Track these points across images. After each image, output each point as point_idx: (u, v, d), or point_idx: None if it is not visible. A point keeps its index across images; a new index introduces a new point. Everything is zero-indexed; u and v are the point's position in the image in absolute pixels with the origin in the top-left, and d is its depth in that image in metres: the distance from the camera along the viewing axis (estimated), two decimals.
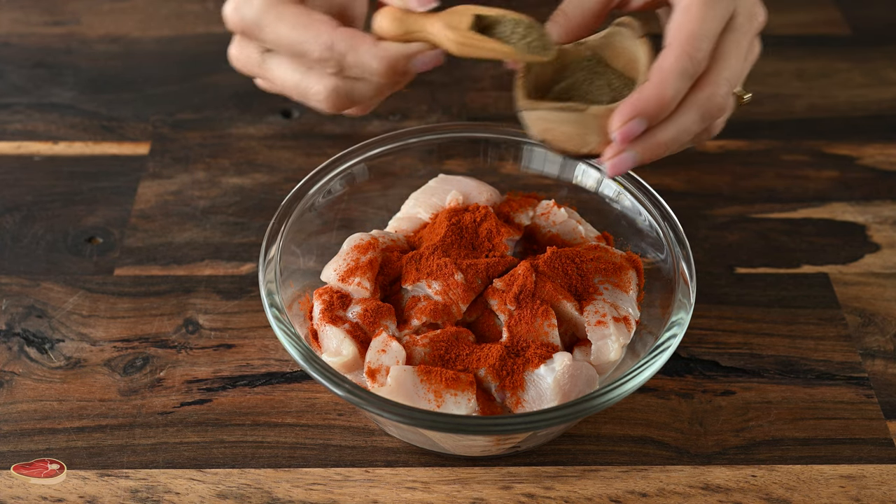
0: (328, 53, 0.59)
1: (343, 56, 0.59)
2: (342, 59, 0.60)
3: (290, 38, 0.60)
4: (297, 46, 0.60)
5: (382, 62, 0.60)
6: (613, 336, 0.71)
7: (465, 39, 0.60)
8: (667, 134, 0.62)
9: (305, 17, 0.60)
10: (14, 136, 0.98)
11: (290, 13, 0.60)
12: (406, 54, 0.60)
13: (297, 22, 0.60)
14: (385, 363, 0.69)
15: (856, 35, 1.12)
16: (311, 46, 0.60)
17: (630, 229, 0.79)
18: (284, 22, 0.60)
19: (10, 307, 0.83)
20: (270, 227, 0.75)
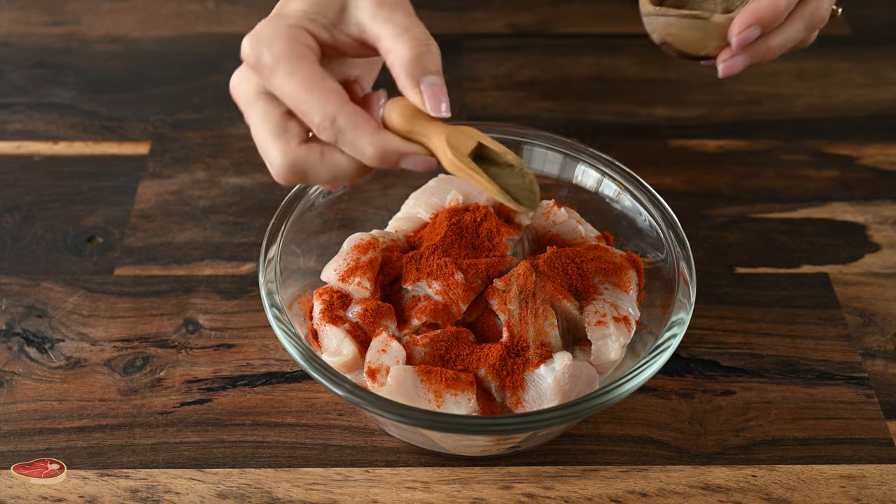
0: (328, 124, 0.60)
1: (342, 132, 0.60)
2: (340, 133, 0.60)
3: (296, 96, 0.60)
4: (300, 105, 0.60)
5: (377, 150, 0.60)
6: (613, 336, 0.71)
7: (460, 164, 0.62)
8: (776, 41, 0.71)
9: (319, 82, 0.60)
10: (14, 136, 0.99)
11: (306, 72, 0.60)
12: (401, 152, 0.61)
13: (310, 84, 0.60)
14: (385, 363, 0.69)
15: (856, 35, 1.12)
16: (314, 112, 0.60)
17: (630, 229, 0.79)
18: (296, 78, 0.60)
19: (10, 307, 0.83)
20: (270, 227, 0.75)
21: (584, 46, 1.10)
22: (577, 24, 1.13)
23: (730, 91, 1.05)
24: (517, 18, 1.14)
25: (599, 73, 1.07)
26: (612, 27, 1.12)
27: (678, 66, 1.07)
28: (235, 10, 1.14)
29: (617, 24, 1.13)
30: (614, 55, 1.09)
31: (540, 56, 1.09)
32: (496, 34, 1.12)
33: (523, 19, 1.14)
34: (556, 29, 1.13)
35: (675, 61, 1.08)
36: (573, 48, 1.10)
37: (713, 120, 1.02)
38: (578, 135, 0.97)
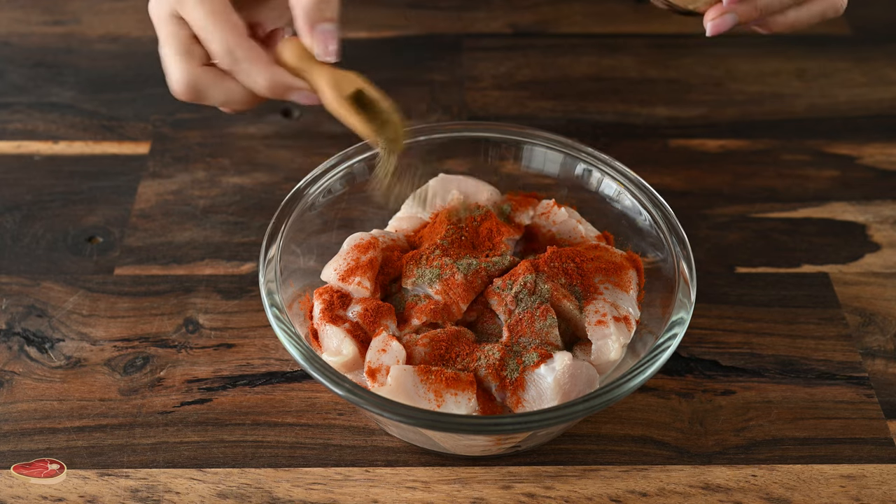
0: (226, 54, 0.66)
1: (237, 61, 0.67)
2: (235, 63, 0.67)
3: (201, 25, 0.66)
4: (203, 34, 0.67)
5: (268, 82, 0.67)
6: (614, 336, 0.71)
7: (338, 105, 0.68)
8: None
9: (223, 15, 0.66)
10: (14, 136, 0.98)
11: (213, 4, 0.66)
12: (289, 85, 0.68)
13: (215, 16, 0.66)
14: (385, 363, 0.69)
15: (856, 35, 1.12)
16: (216, 41, 0.66)
17: (630, 229, 0.79)
18: (204, 9, 0.66)
19: (10, 307, 0.83)
20: (270, 227, 0.75)
21: (584, 46, 1.10)
22: (577, 23, 1.13)
23: (730, 91, 1.05)
24: (517, 18, 1.14)
25: (599, 73, 1.07)
26: (612, 27, 1.12)
27: (678, 66, 1.07)
28: None
29: (617, 24, 1.13)
30: (614, 55, 1.09)
31: (540, 56, 1.09)
32: (496, 34, 1.12)
33: (523, 19, 1.14)
34: (556, 29, 1.13)
35: (675, 61, 1.08)
36: (573, 48, 1.10)
37: (713, 120, 1.01)
38: (578, 135, 0.97)
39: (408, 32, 1.11)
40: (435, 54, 1.08)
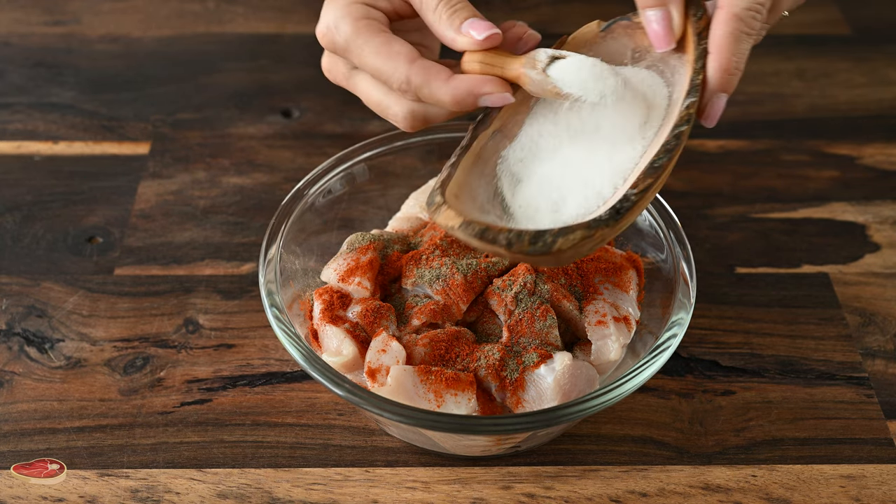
0: (405, 86, 0.65)
1: (418, 88, 0.64)
2: (418, 91, 0.65)
3: (373, 65, 0.65)
4: (379, 74, 0.65)
5: (453, 97, 0.64)
6: (613, 336, 0.71)
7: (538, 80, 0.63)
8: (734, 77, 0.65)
9: (387, 48, 0.65)
10: (14, 136, 0.99)
11: (373, 44, 0.65)
12: (474, 93, 0.64)
13: (380, 52, 0.65)
14: (385, 363, 0.69)
15: (856, 35, 1.12)
16: (391, 77, 0.65)
17: (630, 229, 0.79)
18: (368, 52, 0.65)
19: (10, 307, 0.83)
20: (270, 227, 0.75)
21: None
22: (577, 24, 1.12)
23: None
24: (517, 18, 1.13)
25: None
26: None
27: None
28: (235, 10, 1.14)
29: None
30: None
31: None
32: None
33: (523, 19, 1.13)
34: (556, 29, 1.12)
35: None
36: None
37: None
38: None
39: None
40: None
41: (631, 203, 0.60)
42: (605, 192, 0.63)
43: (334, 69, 0.69)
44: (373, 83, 0.67)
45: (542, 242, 0.59)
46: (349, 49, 0.66)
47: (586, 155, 0.64)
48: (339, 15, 0.66)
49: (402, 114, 0.67)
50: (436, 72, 0.64)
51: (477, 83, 0.64)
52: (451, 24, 0.65)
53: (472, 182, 0.65)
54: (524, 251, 0.59)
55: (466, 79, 0.64)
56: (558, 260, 0.61)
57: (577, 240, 0.59)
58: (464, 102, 0.64)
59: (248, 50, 1.09)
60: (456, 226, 0.61)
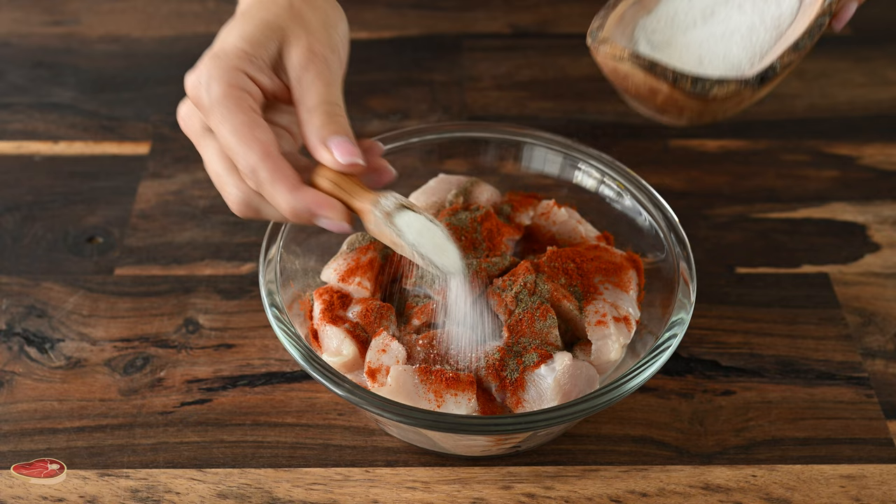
0: (250, 175, 0.61)
1: (262, 184, 0.61)
2: (259, 185, 0.61)
3: (227, 141, 0.61)
4: (229, 150, 0.62)
5: (290, 209, 0.61)
6: (613, 336, 0.71)
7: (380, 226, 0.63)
8: None
9: (247, 130, 0.61)
10: (14, 136, 0.99)
11: (237, 120, 0.61)
12: (314, 212, 0.62)
13: (239, 131, 0.61)
14: (385, 363, 0.69)
15: (856, 35, 1.12)
16: (240, 160, 0.61)
17: (630, 229, 0.79)
18: (228, 124, 0.61)
19: (10, 307, 0.83)
20: (271, 227, 0.75)
21: (584, 46, 1.09)
22: (577, 24, 1.13)
23: None
24: (517, 18, 1.14)
25: (599, 73, 1.06)
26: None
27: None
28: (235, 10, 1.14)
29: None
30: None
31: (540, 56, 1.09)
32: (496, 34, 1.12)
33: (523, 19, 1.14)
34: (556, 29, 1.13)
35: None
36: (573, 48, 1.10)
37: None
38: (578, 135, 0.97)
39: (408, 32, 1.11)
40: (435, 54, 1.08)
41: (774, 73, 0.64)
42: (742, 66, 0.67)
43: (189, 122, 0.65)
44: (220, 154, 0.64)
45: (702, 86, 0.64)
46: (211, 113, 0.62)
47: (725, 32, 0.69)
48: (214, 75, 0.62)
49: (236, 197, 0.63)
50: (284, 175, 0.61)
51: (319, 203, 0.61)
52: (319, 133, 0.63)
53: (616, 37, 0.68)
54: (685, 89, 0.63)
55: (311, 195, 0.61)
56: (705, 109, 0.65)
57: (730, 92, 0.64)
58: (300, 216, 0.62)
59: None
60: (625, 56, 0.65)
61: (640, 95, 0.67)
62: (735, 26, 0.69)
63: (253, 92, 0.63)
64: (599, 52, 0.66)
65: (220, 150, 0.63)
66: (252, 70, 0.63)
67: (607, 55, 0.66)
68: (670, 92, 0.64)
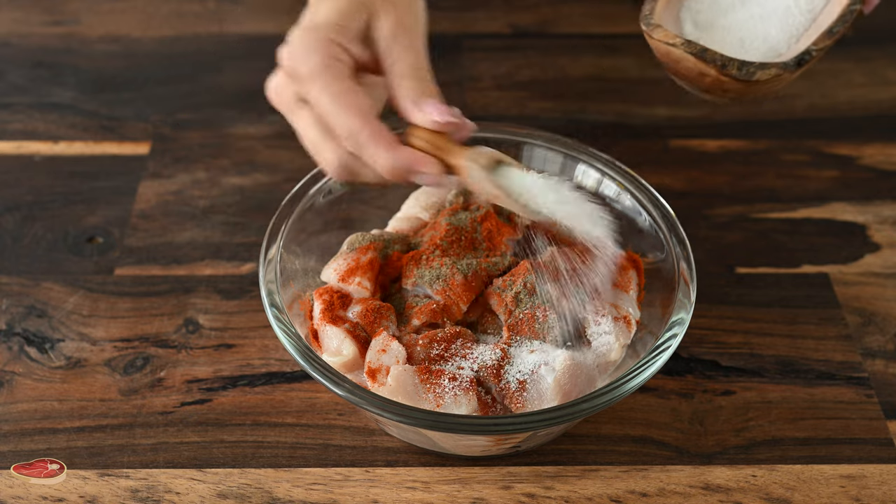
0: (350, 138, 0.65)
1: (362, 146, 0.65)
2: (359, 148, 0.65)
3: (327, 108, 0.65)
4: (329, 118, 0.65)
5: (390, 167, 0.65)
6: (613, 336, 0.71)
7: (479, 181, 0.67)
8: None
9: (346, 97, 0.65)
10: (14, 136, 0.98)
11: (337, 88, 0.65)
12: (412, 170, 0.65)
13: (339, 99, 0.64)
14: (385, 363, 0.69)
15: (856, 35, 1.12)
16: (341, 126, 0.65)
17: (630, 229, 0.79)
18: (328, 93, 0.65)
19: (10, 307, 0.83)
20: (271, 227, 0.75)
21: (584, 46, 1.10)
22: (577, 24, 1.13)
23: None
24: (517, 18, 1.14)
25: (599, 73, 1.07)
26: (612, 27, 1.12)
27: None
28: (235, 10, 1.14)
29: (617, 24, 1.13)
30: (614, 55, 1.09)
31: (540, 56, 1.09)
32: (496, 34, 1.12)
33: (523, 19, 1.14)
34: (556, 29, 1.13)
35: None
36: (573, 48, 1.10)
37: (713, 120, 1.01)
38: (578, 135, 0.97)
39: None
40: (435, 54, 1.08)
41: (810, 57, 0.69)
42: (780, 47, 0.72)
43: (283, 93, 0.68)
44: (315, 122, 0.66)
45: (746, 71, 0.68)
46: (309, 83, 0.65)
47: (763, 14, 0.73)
48: (312, 47, 0.65)
49: (334, 161, 0.66)
50: (383, 136, 0.65)
51: (418, 161, 0.65)
52: (412, 96, 0.67)
53: (664, 20, 0.72)
54: (732, 74, 0.68)
55: (409, 153, 0.65)
56: (747, 90, 0.69)
57: (772, 75, 0.68)
58: (399, 174, 0.65)
59: (248, 50, 1.09)
60: (678, 42, 0.69)
61: (688, 77, 0.71)
62: (772, 8, 0.73)
63: (346, 61, 0.66)
64: (654, 36, 0.70)
65: (315, 118, 0.66)
66: (344, 41, 0.67)
67: (661, 39, 0.69)
68: (717, 75, 0.68)
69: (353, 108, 0.64)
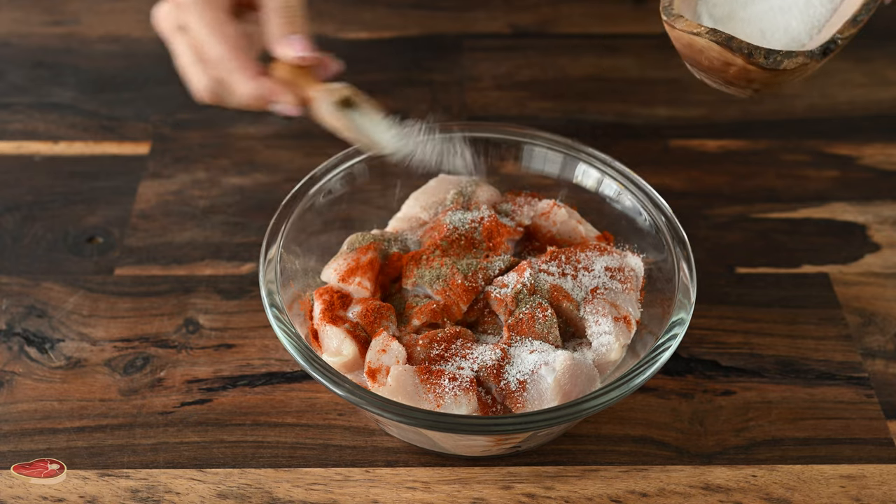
0: (218, 64, 0.71)
1: (226, 72, 0.71)
2: (225, 74, 0.72)
3: (200, 34, 0.72)
4: (201, 43, 0.72)
5: (250, 94, 0.71)
6: (613, 336, 0.71)
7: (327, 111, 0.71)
8: None
9: (220, 27, 0.71)
10: (14, 136, 0.98)
11: (211, 17, 0.72)
12: (269, 99, 0.72)
13: (213, 27, 0.71)
14: (385, 363, 0.69)
15: (856, 35, 1.12)
16: (211, 50, 0.71)
17: (630, 229, 0.79)
18: (203, 21, 0.71)
19: (10, 307, 0.83)
20: (271, 227, 0.75)
21: (584, 46, 1.10)
22: (577, 24, 1.13)
23: None
24: (517, 18, 1.14)
25: (599, 73, 1.07)
26: (612, 27, 1.12)
27: (678, 66, 1.07)
28: None
29: (617, 24, 1.13)
30: (614, 55, 1.09)
31: (540, 56, 1.09)
32: (496, 34, 1.12)
33: (523, 19, 1.14)
34: (556, 29, 1.13)
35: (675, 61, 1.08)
36: (573, 48, 1.10)
37: (713, 120, 1.02)
38: (578, 135, 0.97)
39: (408, 32, 1.11)
40: (435, 54, 1.08)
41: (836, 46, 0.69)
42: (802, 38, 0.71)
43: (167, 20, 0.74)
44: (189, 48, 0.73)
45: (773, 59, 0.67)
46: (188, 11, 0.72)
47: (783, 6, 0.72)
48: None
49: (202, 84, 0.73)
50: (247, 66, 0.71)
51: (275, 91, 0.71)
52: (280, 30, 0.72)
53: (683, 10, 0.71)
54: (759, 63, 0.67)
55: (268, 84, 0.71)
56: (773, 81, 0.69)
57: (798, 64, 0.67)
58: (258, 102, 0.72)
59: None
60: (703, 32, 0.68)
61: (712, 68, 0.70)
62: (792, 0, 0.73)
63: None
64: (676, 27, 0.69)
65: (191, 44, 0.73)
66: None
67: (684, 29, 0.69)
68: (744, 65, 0.67)
69: (222, 36, 0.71)
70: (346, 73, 0.76)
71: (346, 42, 1.10)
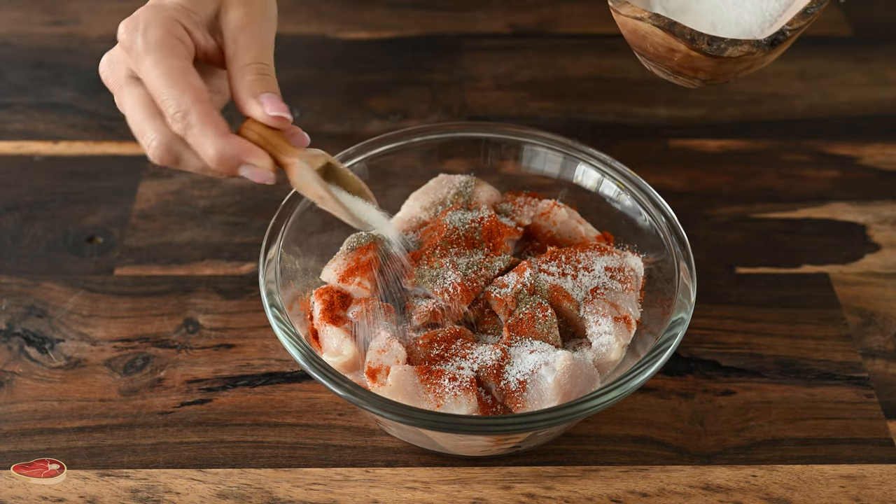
0: (179, 118, 0.62)
1: (190, 127, 0.62)
2: (187, 129, 0.62)
3: (158, 84, 0.62)
4: (159, 94, 0.63)
5: (217, 154, 0.62)
6: (613, 336, 0.71)
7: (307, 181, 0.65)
8: None
9: (181, 76, 0.62)
10: (14, 136, 0.99)
11: (171, 64, 0.63)
12: (241, 158, 0.63)
13: (172, 75, 0.62)
14: (385, 363, 0.69)
15: (856, 35, 1.12)
16: (171, 102, 0.62)
17: (630, 229, 0.79)
18: (161, 68, 0.62)
19: (10, 307, 0.83)
20: (271, 227, 0.75)
21: (584, 46, 1.10)
22: (577, 24, 1.13)
23: (730, 91, 1.05)
24: (517, 18, 1.14)
25: (599, 73, 1.07)
26: (612, 27, 1.11)
27: None
28: None
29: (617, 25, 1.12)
30: (614, 55, 1.09)
31: (540, 56, 1.09)
32: (496, 34, 1.12)
33: (523, 19, 1.14)
34: (556, 29, 1.13)
35: None
36: (573, 48, 1.10)
37: (713, 120, 1.02)
38: (578, 135, 0.97)
39: (408, 32, 1.11)
40: (435, 54, 1.08)
41: (785, 37, 0.67)
42: (754, 31, 0.70)
43: (116, 69, 0.66)
44: (142, 101, 0.64)
45: (717, 46, 0.66)
46: (144, 57, 0.63)
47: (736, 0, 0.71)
48: (152, 21, 0.63)
49: (158, 142, 0.64)
50: (214, 121, 0.62)
51: (248, 151, 0.63)
52: (251, 88, 0.65)
53: (636, 2, 0.70)
54: (702, 49, 0.66)
55: (240, 142, 0.63)
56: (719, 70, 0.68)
57: (744, 52, 0.66)
58: (226, 162, 0.63)
59: None
60: (646, 16, 0.67)
61: (657, 55, 0.70)
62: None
63: (188, 44, 0.65)
64: (621, 12, 0.68)
65: (144, 96, 0.64)
66: (189, 24, 0.65)
67: (629, 14, 0.68)
68: (687, 51, 0.66)
69: (186, 87, 0.62)
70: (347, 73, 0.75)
71: (346, 42, 1.10)
